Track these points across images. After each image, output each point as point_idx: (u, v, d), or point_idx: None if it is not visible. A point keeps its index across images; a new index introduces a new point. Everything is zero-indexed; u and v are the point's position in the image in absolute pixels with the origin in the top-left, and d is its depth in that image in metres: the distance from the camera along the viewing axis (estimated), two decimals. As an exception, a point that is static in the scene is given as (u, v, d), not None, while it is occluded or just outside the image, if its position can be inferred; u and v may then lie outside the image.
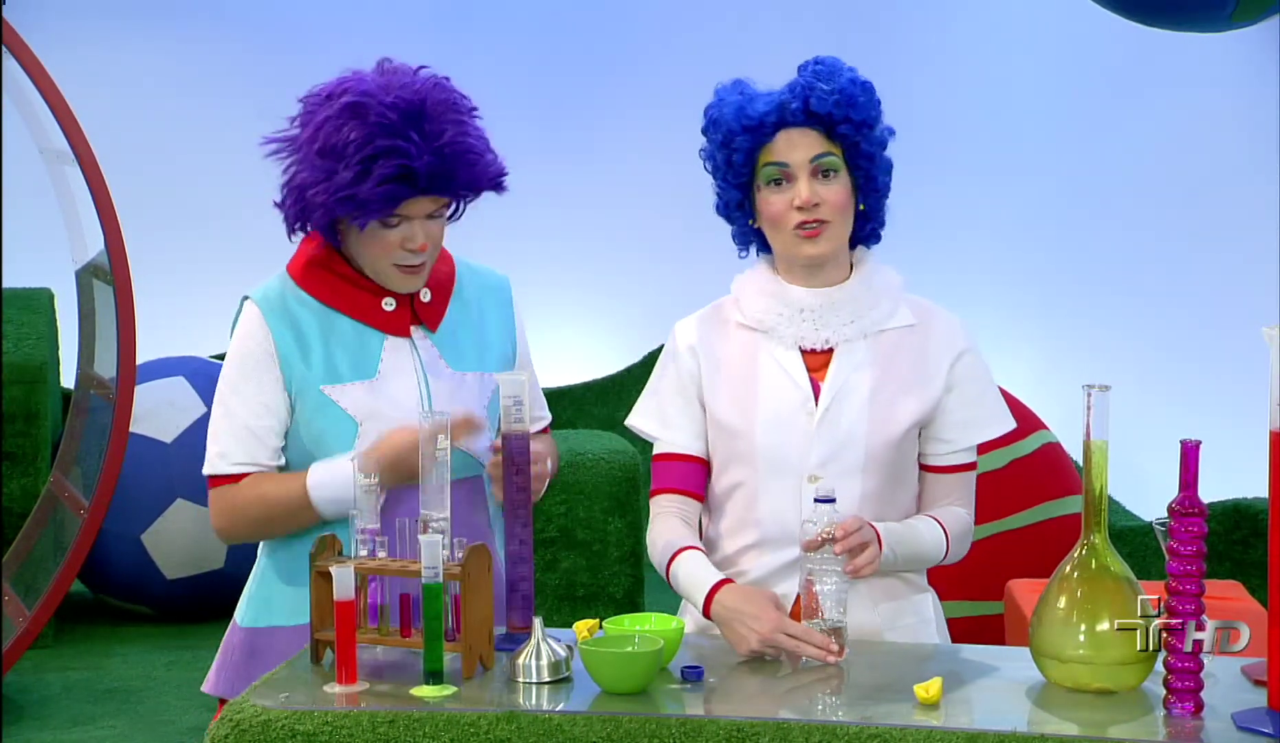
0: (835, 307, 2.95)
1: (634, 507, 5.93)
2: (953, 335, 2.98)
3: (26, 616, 5.36)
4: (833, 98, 2.90)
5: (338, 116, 2.84)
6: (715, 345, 2.99)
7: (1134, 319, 7.04)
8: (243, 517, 2.95)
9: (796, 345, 2.95)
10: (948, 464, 2.98)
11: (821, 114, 2.90)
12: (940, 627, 3.03)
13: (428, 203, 2.89)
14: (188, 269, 7.41)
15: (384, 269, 2.93)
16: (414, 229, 2.89)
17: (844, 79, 2.92)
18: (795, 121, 2.91)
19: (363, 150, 2.81)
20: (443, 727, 2.44)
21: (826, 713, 2.48)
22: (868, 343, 2.95)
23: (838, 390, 2.92)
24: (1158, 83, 6.99)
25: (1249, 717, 2.38)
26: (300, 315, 2.96)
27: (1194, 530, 2.43)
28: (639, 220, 7.76)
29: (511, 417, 2.80)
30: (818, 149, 2.92)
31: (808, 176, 2.91)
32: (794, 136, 2.92)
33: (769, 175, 2.93)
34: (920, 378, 2.95)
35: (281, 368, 2.94)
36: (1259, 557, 5.87)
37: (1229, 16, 5.08)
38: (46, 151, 5.69)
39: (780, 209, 2.93)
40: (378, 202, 2.82)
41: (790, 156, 2.92)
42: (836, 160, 2.92)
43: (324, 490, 2.88)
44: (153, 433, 6.16)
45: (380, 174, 2.81)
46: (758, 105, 2.92)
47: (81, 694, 5.56)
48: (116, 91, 7.46)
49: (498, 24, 7.84)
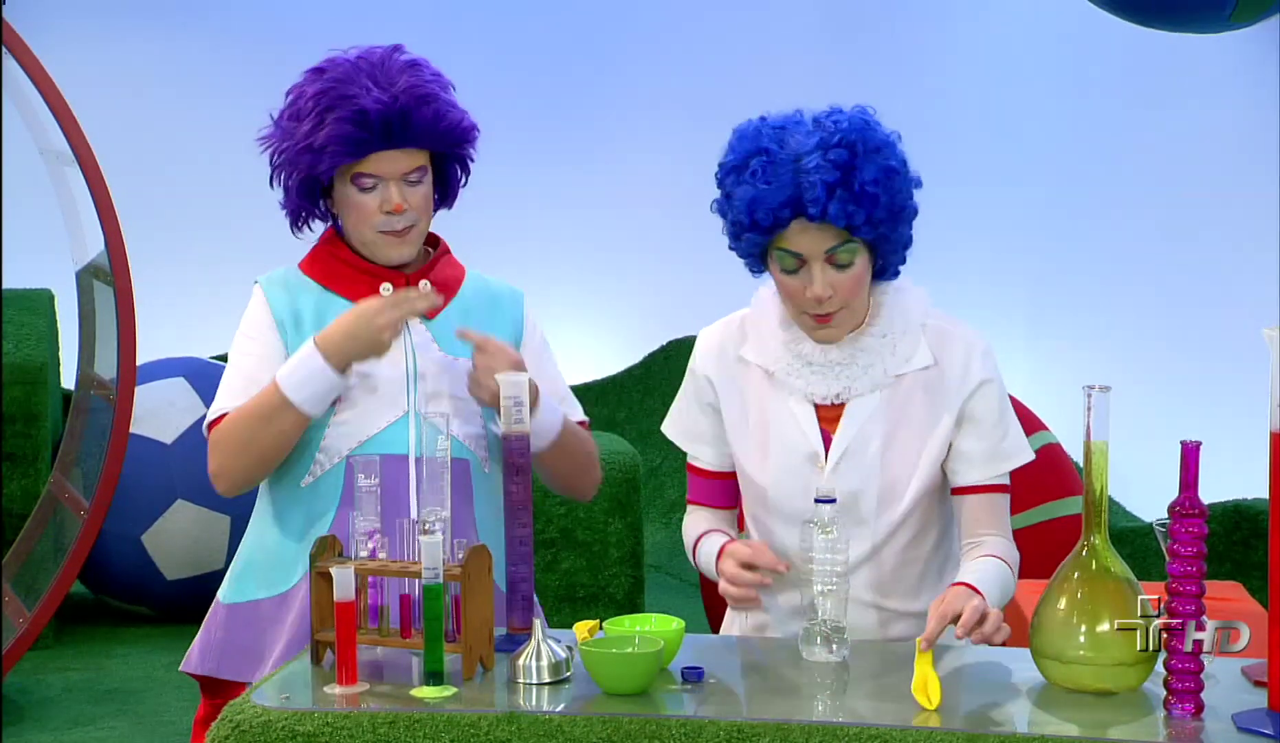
0: (849, 360, 2.88)
1: (634, 507, 5.93)
2: (969, 368, 2.88)
3: (27, 616, 5.36)
4: (851, 207, 2.74)
5: (303, 82, 2.97)
6: (734, 378, 2.95)
7: (1134, 320, 7.04)
8: (231, 442, 2.93)
9: (808, 399, 2.90)
10: (972, 484, 2.91)
11: (839, 224, 2.76)
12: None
13: (398, 158, 2.94)
14: (188, 270, 7.42)
15: (370, 238, 2.98)
16: (389, 190, 2.94)
17: (866, 175, 2.73)
18: (811, 219, 2.76)
19: (319, 103, 2.91)
20: (443, 728, 2.44)
21: (827, 714, 2.48)
22: (882, 393, 2.88)
23: (847, 446, 2.87)
24: (1158, 83, 6.99)
25: (1249, 718, 2.38)
26: (299, 294, 3.02)
27: (1194, 531, 2.43)
28: (639, 221, 7.77)
29: (512, 417, 2.80)
30: (833, 241, 2.78)
31: (822, 265, 2.80)
32: (810, 230, 2.77)
33: (782, 259, 2.82)
34: (934, 418, 2.88)
35: (279, 331, 2.99)
36: (1259, 558, 5.88)
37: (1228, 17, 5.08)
38: (46, 152, 5.68)
39: (794, 292, 2.83)
40: (334, 145, 2.90)
41: (804, 248, 2.79)
42: (855, 247, 2.80)
43: (292, 376, 2.88)
44: (153, 434, 6.16)
45: (333, 119, 2.89)
46: (770, 199, 2.74)
47: (82, 695, 5.55)
48: (117, 92, 7.47)
49: (500, 25, 7.84)
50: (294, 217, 3.04)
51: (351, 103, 2.90)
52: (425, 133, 2.95)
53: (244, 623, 3.00)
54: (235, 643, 3.00)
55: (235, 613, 3.03)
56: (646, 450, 7.50)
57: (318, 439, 2.96)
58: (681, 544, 3.10)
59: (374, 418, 2.95)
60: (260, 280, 3.06)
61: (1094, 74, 7.21)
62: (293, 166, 2.95)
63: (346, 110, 2.89)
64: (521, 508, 2.81)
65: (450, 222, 3.14)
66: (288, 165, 2.96)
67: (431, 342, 3.01)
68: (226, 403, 2.97)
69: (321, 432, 2.95)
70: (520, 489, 2.81)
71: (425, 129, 2.94)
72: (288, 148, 2.95)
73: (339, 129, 2.89)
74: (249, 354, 3.00)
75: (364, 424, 2.94)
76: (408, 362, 2.98)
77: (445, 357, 3.01)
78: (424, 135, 2.95)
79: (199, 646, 3.06)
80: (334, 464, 2.95)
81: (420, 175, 2.97)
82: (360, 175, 2.94)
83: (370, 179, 2.94)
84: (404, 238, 2.98)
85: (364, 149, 2.92)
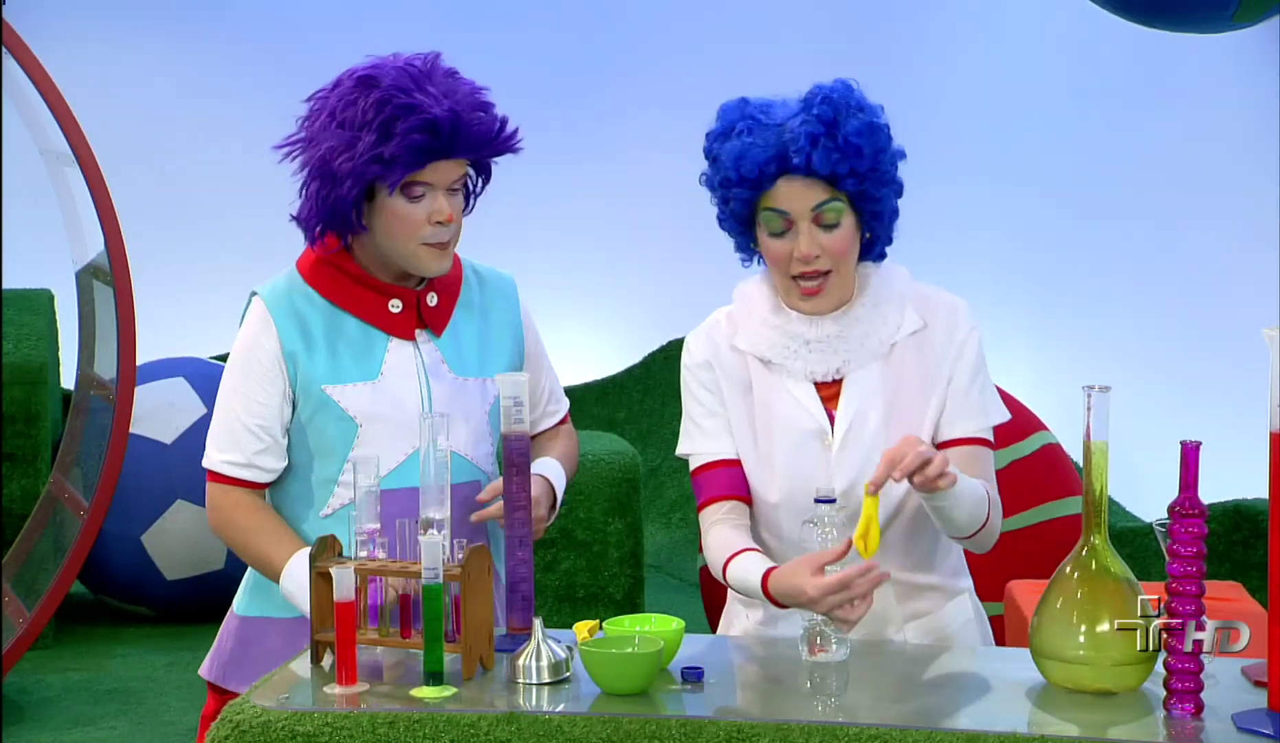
0: (842, 334, 2.90)
1: (634, 508, 5.92)
2: (954, 326, 2.93)
3: (27, 617, 5.36)
4: (835, 155, 2.79)
5: (350, 92, 2.87)
6: (731, 369, 2.95)
7: (1134, 320, 7.04)
8: (227, 532, 2.99)
9: (807, 378, 2.91)
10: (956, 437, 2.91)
11: (824, 172, 2.81)
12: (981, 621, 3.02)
13: (451, 168, 2.89)
14: (188, 270, 7.42)
15: (412, 251, 2.91)
16: (439, 200, 2.89)
17: (849, 129, 2.79)
18: (797, 171, 2.81)
19: (382, 112, 2.83)
20: (443, 728, 2.43)
21: (827, 714, 2.47)
22: (878, 364, 2.91)
23: (852, 419, 2.89)
24: (1158, 83, 6.99)
25: (1249, 718, 2.38)
26: (307, 313, 2.96)
27: (1194, 532, 2.42)
28: (640, 221, 7.77)
29: (512, 417, 2.80)
30: (820, 198, 2.83)
31: (809, 226, 2.83)
32: (796, 186, 2.82)
33: (769, 220, 2.85)
34: (930, 382, 2.91)
35: (286, 366, 2.94)
36: (1259, 558, 5.87)
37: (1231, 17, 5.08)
38: (47, 153, 5.69)
39: (780, 256, 2.86)
40: (406, 156, 2.82)
41: (791, 206, 2.83)
42: (840, 206, 2.84)
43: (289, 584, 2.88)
44: (153, 434, 6.16)
45: (404, 128, 2.82)
46: (756, 153, 2.81)
47: (82, 695, 5.55)
48: (117, 93, 7.46)
49: (503, 25, 7.84)
50: (322, 228, 2.92)
51: (420, 112, 2.82)
52: (486, 140, 2.90)
53: (257, 638, 2.99)
54: (249, 656, 2.97)
55: (249, 626, 3.02)
56: (646, 451, 7.50)
57: (337, 474, 2.95)
58: (681, 545, 3.09)
59: (391, 453, 2.91)
60: (263, 296, 2.97)
61: (1095, 75, 7.21)
62: (355, 177, 2.84)
63: (416, 120, 2.81)
64: (521, 508, 2.81)
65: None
66: (348, 176, 2.84)
67: (441, 362, 2.99)
68: (227, 450, 2.95)
69: (340, 466, 2.94)
70: (520, 489, 2.81)
71: (486, 137, 2.90)
72: (347, 158, 2.83)
73: (411, 139, 2.81)
74: (246, 399, 2.95)
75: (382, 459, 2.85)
76: (422, 390, 2.97)
77: (456, 380, 2.99)
78: (484, 143, 2.90)
79: (213, 655, 3.05)
80: (352, 498, 2.91)
81: (460, 184, 2.94)
82: (412, 185, 2.87)
83: (422, 188, 2.88)
84: (446, 250, 2.94)
85: (432, 158, 2.86)
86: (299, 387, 2.95)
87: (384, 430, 2.93)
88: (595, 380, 7.95)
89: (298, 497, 2.99)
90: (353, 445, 2.92)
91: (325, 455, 2.95)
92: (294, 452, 2.98)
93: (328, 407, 2.94)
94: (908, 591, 2.94)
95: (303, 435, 2.97)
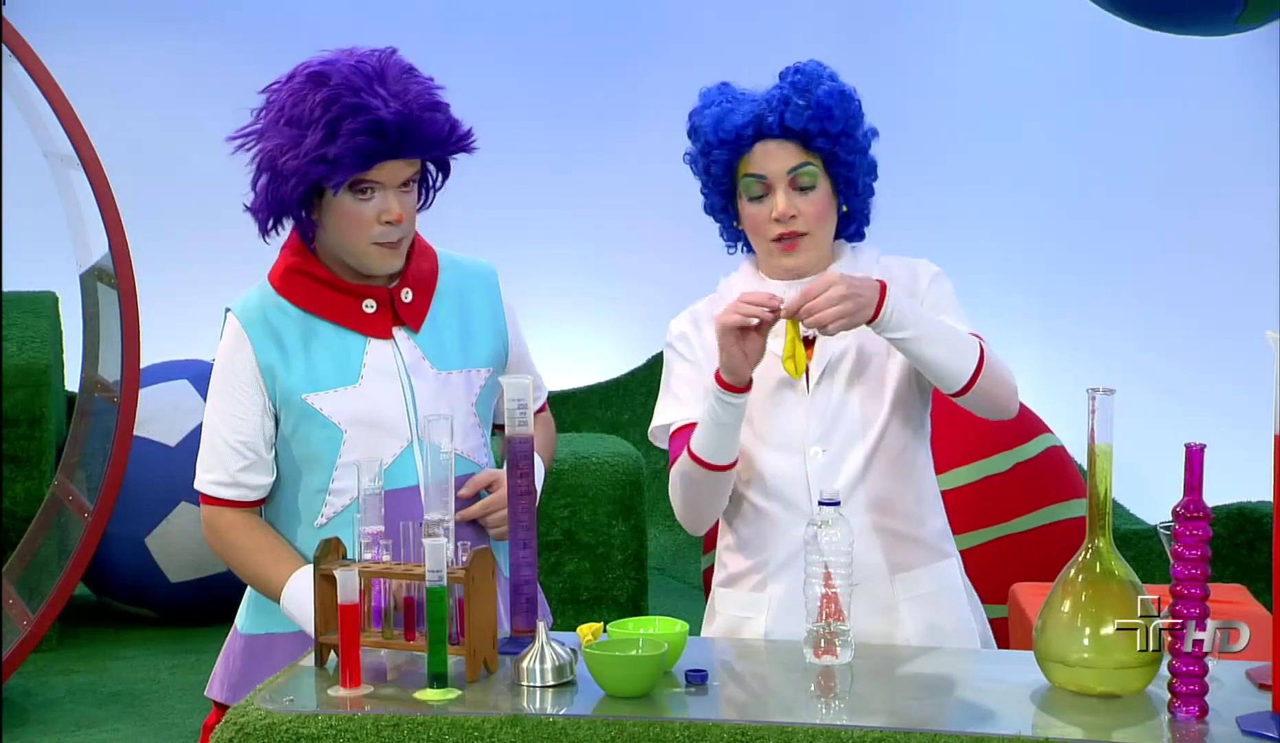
0: None
1: (638, 510, 5.92)
2: (913, 280, 3.00)
3: (30, 619, 5.36)
4: (808, 113, 2.93)
5: (300, 87, 2.86)
6: (709, 337, 3.00)
7: (1138, 322, 7.03)
8: (224, 553, 3.00)
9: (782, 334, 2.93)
10: None
11: (797, 129, 2.93)
12: (971, 595, 3.04)
13: (400, 168, 2.86)
14: (192, 272, 7.41)
15: (362, 250, 2.90)
16: (389, 200, 2.87)
17: (820, 91, 2.94)
18: (772, 134, 2.95)
19: (329, 111, 2.81)
20: (446, 730, 2.43)
21: (831, 717, 2.47)
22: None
23: (825, 364, 2.97)
24: (1160, 85, 6.99)
25: (1254, 721, 2.38)
26: (280, 324, 2.94)
27: (1198, 534, 2.42)
28: (642, 223, 7.76)
29: (516, 420, 2.79)
30: (795, 161, 2.96)
31: (785, 188, 2.95)
32: (771, 148, 2.96)
33: (748, 186, 2.98)
34: None
35: (264, 380, 2.93)
36: (1263, 560, 5.87)
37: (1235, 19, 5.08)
38: (51, 155, 5.69)
39: (759, 220, 2.98)
40: (350, 158, 2.80)
41: (767, 168, 2.96)
42: (815, 170, 2.96)
43: (290, 605, 2.88)
44: (157, 436, 6.16)
45: (350, 129, 2.80)
46: (734, 118, 2.95)
47: (85, 698, 5.56)
48: (121, 95, 7.46)
49: (500, 26, 7.84)
50: (272, 222, 2.92)
51: (367, 113, 2.79)
52: (436, 141, 2.87)
53: (262, 655, 2.97)
54: (258, 674, 2.93)
55: (253, 645, 3.00)
56: (650, 453, 7.49)
57: (327, 483, 2.94)
58: (685, 547, 3.10)
59: (379, 453, 2.89)
60: (235, 312, 2.97)
61: (1098, 77, 7.21)
62: (300, 176, 2.82)
63: (361, 121, 2.79)
64: (525, 511, 2.80)
65: (453, 223, 3.13)
66: (293, 175, 2.83)
67: (422, 359, 2.97)
68: (215, 472, 2.95)
69: (330, 475, 2.93)
70: (523, 492, 2.80)
71: (437, 138, 2.87)
72: (292, 157, 2.82)
73: (356, 141, 2.79)
74: (228, 418, 2.95)
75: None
76: (404, 390, 2.96)
77: (439, 375, 2.97)
78: (434, 144, 2.87)
79: (218, 674, 3.04)
80: (345, 506, 2.92)
81: (413, 182, 2.90)
82: (361, 183, 2.85)
83: (370, 187, 2.85)
84: (397, 249, 2.92)
85: (377, 159, 2.83)
86: (279, 399, 2.93)
87: (370, 434, 2.91)
88: (599, 383, 7.95)
89: (289, 511, 2.98)
90: (339, 453, 2.91)
91: (313, 466, 2.94)
92: (282, 465, 2.97)
93: (311, 416, 2.92)
94: (891, 541, 2.96)
95: (288, 449, 2.95)
